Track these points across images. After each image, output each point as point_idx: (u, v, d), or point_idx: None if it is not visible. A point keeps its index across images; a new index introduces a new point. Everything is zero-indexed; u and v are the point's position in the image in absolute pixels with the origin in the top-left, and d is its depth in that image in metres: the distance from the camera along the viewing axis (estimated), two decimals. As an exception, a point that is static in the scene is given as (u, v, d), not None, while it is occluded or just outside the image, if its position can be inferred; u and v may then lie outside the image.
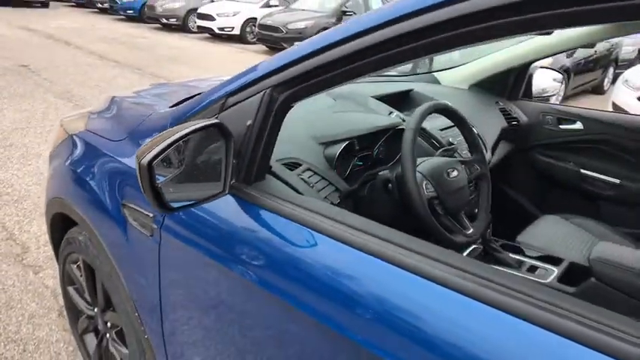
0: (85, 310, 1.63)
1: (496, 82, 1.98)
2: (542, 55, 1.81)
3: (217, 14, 11.17)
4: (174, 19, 12.29)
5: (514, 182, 2.02)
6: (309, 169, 1.12)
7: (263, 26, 9.82)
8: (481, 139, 1.53)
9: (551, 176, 1.95)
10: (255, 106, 0.89)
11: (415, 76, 2.11)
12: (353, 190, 1.18)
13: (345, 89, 1.56)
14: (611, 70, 8.19)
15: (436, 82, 2.07)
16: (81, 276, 1.57)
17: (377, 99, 1.56)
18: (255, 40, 10.58)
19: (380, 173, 1.18)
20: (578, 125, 1.84)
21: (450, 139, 1.50)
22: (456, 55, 2.20)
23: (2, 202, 2.90)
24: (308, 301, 0.78)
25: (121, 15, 14.19)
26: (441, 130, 1.54)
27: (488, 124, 1.75)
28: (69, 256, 1.59)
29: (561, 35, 1.72)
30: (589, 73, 7.36)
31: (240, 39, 11.11)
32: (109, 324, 1.52)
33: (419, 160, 1.17)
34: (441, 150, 1.33)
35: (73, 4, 16.57)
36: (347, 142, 1.25)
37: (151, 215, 1.08)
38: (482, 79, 1.99)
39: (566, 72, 6.74)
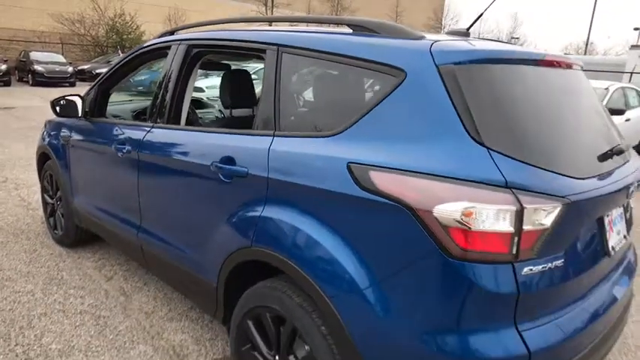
0: (49, 201, 3.57)
1: None
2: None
3: (206, 87, 13.83)
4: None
5: None
6: (122, 118, 3.10)
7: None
8: None
9: None
10: (90, 95, 2.90)
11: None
12: None
13: None
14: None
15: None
16: (47, 182, 3.54)
17: None
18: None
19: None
20: None
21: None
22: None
23: (23, 188, 4.94)
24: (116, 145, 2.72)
25: (132, 90, 17.12)
26: None
27: None
28: (44, 173, 3.56)
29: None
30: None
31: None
32: (58, 202, 3.44)
33: None
34: None
35: (96, 82, 19.90)
36: (137, 111, 3.25)
37: (69, 135, 3.06)
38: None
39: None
